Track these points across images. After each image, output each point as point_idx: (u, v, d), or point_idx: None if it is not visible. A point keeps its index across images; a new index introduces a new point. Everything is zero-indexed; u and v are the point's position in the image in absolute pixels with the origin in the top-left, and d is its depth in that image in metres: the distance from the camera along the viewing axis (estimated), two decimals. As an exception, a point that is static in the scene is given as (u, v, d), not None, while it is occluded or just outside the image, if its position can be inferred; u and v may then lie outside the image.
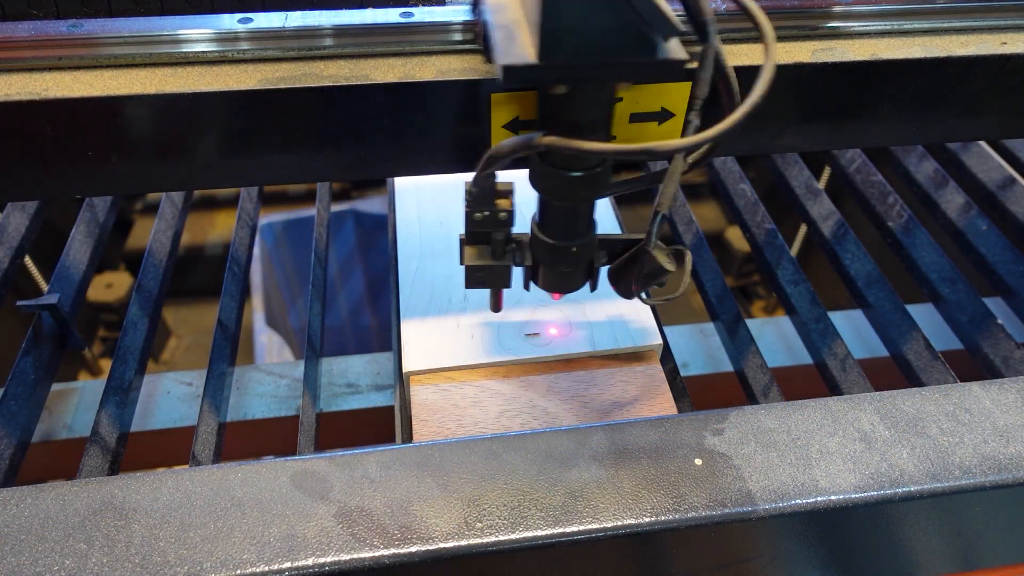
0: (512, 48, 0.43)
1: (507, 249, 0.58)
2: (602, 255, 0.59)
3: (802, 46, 0.58)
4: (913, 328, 0.77)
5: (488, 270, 0.58)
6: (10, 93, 0.51)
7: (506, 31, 0.44)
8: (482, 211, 0.54)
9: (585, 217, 0.55)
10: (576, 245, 0.55)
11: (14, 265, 0.82)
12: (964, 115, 0.63)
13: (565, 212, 0.54)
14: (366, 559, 0.47)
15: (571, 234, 0.55)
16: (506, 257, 0.58)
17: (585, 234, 0.56)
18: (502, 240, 0.56)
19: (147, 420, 0.89)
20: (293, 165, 0.57)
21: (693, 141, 0.45)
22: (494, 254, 0.57)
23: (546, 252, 0.56)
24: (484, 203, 0.54)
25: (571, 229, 0.55)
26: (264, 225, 1.61)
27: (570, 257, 0.56)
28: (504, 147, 0.48)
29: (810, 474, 0.52)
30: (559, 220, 0.55)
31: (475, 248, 0.58)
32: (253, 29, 0.54)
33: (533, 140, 0.46)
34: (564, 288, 0.60)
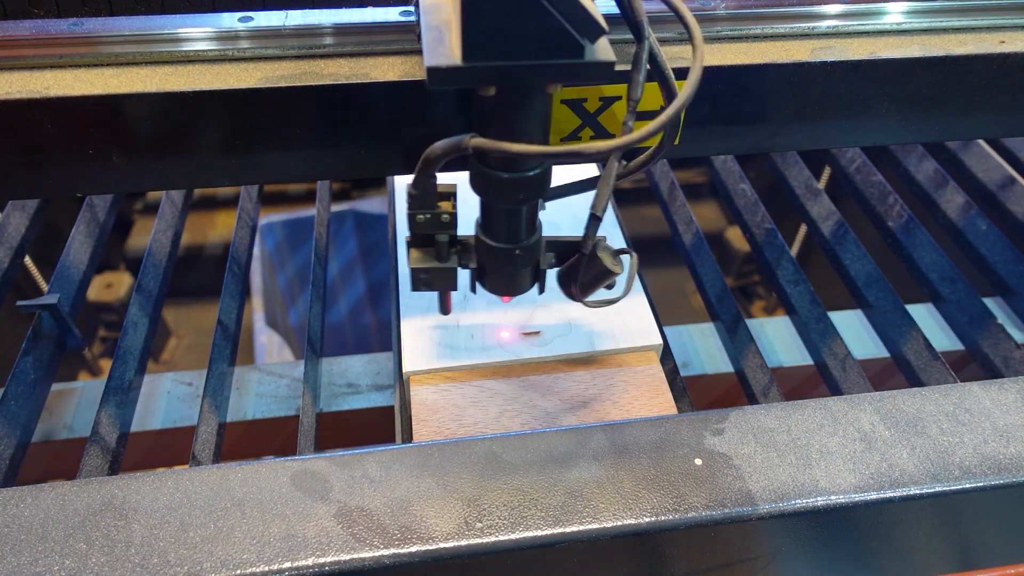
0: (439, 49, 0.43)
1: (452, 251, 0.57)
2: (550, 257, 0.59)
3: (801, 44, 0.58)
4: (913, 328, 0.77)
5: (433, 272, 0.58)
6: (11, 91, 0.51)
7: (436, 32, 0.44)
8: (423, 213, 0.54)
9: (528, 219, 0.54)
10: (519, 247, 0.55)
11: (14, 265, 0.82)
12: (963, 114, 0.63)
13: (507, 214, 0.53)
14: (366, 559, 0.47)
15: (513, 236, 0.55)
16: (451, 259, 0.57)
17: (528, 236, 0.55)
18: (446, 242, 0.56)
19: (147, 420, 0.89)
20: (293, 163, 0.57)
21: (618, 143, 0.45)
22: (439, 256, 0.57)
23: (490, 254, 0.56)
24: (425, 205, 0.53)
25: (513, 231, 0.54)
26: (264, 225, 1.61)
27: (514, 259, 0.56)
28: (436, 149, 0.48)
29: (810, 474, 0.52)
30: (501, 222, 0.54)
31: (419, 250, 0.57)
32: (253, 28, 0.54)
33: (463, 142, 0.46)
34: (511, 290, 0.60)
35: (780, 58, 0.57)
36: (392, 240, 0.84)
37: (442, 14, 0.46)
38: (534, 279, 0.60)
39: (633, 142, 0.45)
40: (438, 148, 0.47)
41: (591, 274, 0.56)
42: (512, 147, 0.45)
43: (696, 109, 0.58)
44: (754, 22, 0.59)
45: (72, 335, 0.77)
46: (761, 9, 0.59)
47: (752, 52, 0.57)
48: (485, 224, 0.55)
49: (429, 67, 0.42)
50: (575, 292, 0.58)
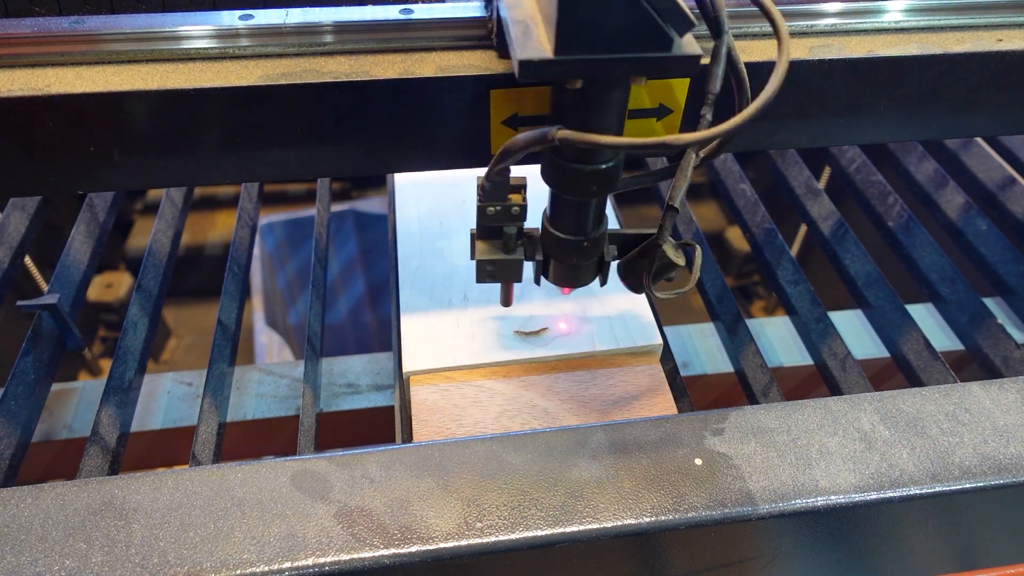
0: (528, 43, 0.43)
1: (518, 243, 0.58)
2: (612, 250, 0.59)
3: (800, 43, 0.59)
4: (913, 328, 0.77)
5: (499, 264, 0.58)
6: (13, 89, 0.51)
7: (522, 26, 0.45)
8: (494, 205, 0.54)
9: (596, 212, 0.55)
10: (587, 239, 0.56)
11: (14, 265, 0.82)
12: (961, 112, 0.63)
13: (576, 206, 0.54)
14: (366, 559, 0.47)
15: (582, 228, 0.55)
16: (517, 251, 0.58)
17: (596, 228, 0.56)
18: (514, 234, 0.57)
19: (147, 420, 0.89)
20: (294, 161, 0.57)
21: (707, 135, 0.46)
22: (505, 248, 0.58)
23: (557, 246, 0.57)
24: (496, 197, 0.54)
25: (582, 223, 0.55)
26: (264, 225, 1.61)
27: (581, 251, 0.57)
28: (519, 141, 0.48)
29: (810, 474, 0.52)
30: (570, 214, 0.55)
31: (486, 242, 0.58)
32: (254, 26, 0.54)
33: (548, 134, 0.46)
34: (575, 282, 0.61)
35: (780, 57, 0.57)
36: (392, 240, 0.84)
37: (526, 9, 0.46)
38: (598, 271, 0.60)
39: (721, 134, 0.45)
40: (520, 140, 0.48)
41: (655, 267, 0.56)
42: (600, 139, 0.45)
43: (695, 108, 0.58)
44: (752, 20, 0.59)
45: (72, 335, 0.77)
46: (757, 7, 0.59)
47: (751, 50, 0.58)
48: (554, 216, 0.56)
49: (521, 60, 0.42)
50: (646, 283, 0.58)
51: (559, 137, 0.46)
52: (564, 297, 0.74)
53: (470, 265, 0.77)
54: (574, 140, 0.46)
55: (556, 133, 0.46)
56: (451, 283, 0.76)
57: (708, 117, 0.49)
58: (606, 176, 0.51)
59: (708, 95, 0.49)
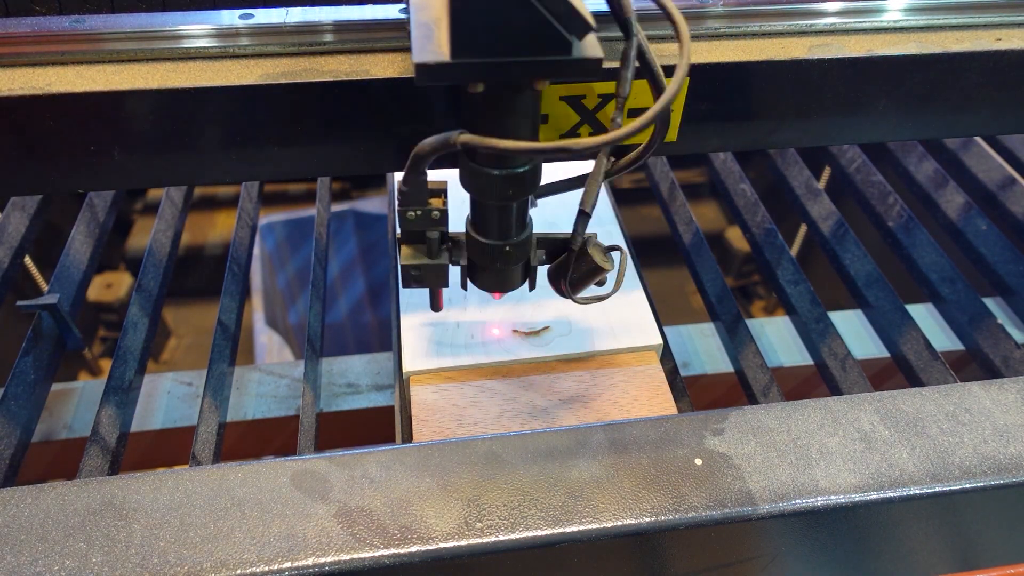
0: (427, 46, 0.43)
1: (443, 248, 0.57)
2: (541, 253, 0.59)
3: (799, 42, 0.59)
4: (913, 328, 0.77)
5: (424, 269, 0.58)
6: (13, 88, 0.51)
7: (425, 29, 0.44)
8: (415, 210, 0.54)
9: (518, 216, 0.54)
10: (510, 244, 0.55)
11: (14, 265, 0.82)
12: (959, 111, 0.63)
13: (497, 211, 0.54)
14: (366, 559, 0.47)
15: (504, 233, 0.55)
16: (442, 256, 0.57)
17: (519, 233, 0.55)
18: (437, 239, 0.56)
19: (147, 420, 0.89)
20: (294, 160, 0.57)
21: (604, 140, 0.45)
22: (429, 253, 0.57)
23: (480, 251, 0.56)
24: (416, 201, 0.53)
25: (504, 228, 0.55)
26: (264, 225, 1.61)
27: (504, 256, 0.56)
28: (426, 145, 0.48)
29: (810, 474, 0.52)
30: (491, 219, 0.54)
31: (410, 247, 0.57)
32: (254, 25, 0.55)
33: (451, 138, 0.46)
34: (502, 287, 0.60)
35: (778, 55, 0.57)
36: (392, 240, 0.84)
37: (431, 11, 0.46)
38: (525, 276, 0.60)
39: (619, 138, 0.45)
40: (427, 145, 0.48)
41: (581, 271, 0.56)
42: (500, 143, 0.45)
43: (694, 106, 0.58)
44: (752, 19, 0.59)
45: (72, 335, 0.77)
46: (759, 6, 0.59)
47: (750, 49, 0.58)
48: (476, 221, 0.56)
49: (417, 63, 0.42)
50: (565, 289, 0.58)
51: (460, 141, 0.46)
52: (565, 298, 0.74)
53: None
54: (475, 144, 0.46)
55: (458, 137, 0.46)
56: (451, 283, 0.76)
57: (619, 121, 0.48)
58: (521, 180, 0.50)
59: (618, 99, 0.48)
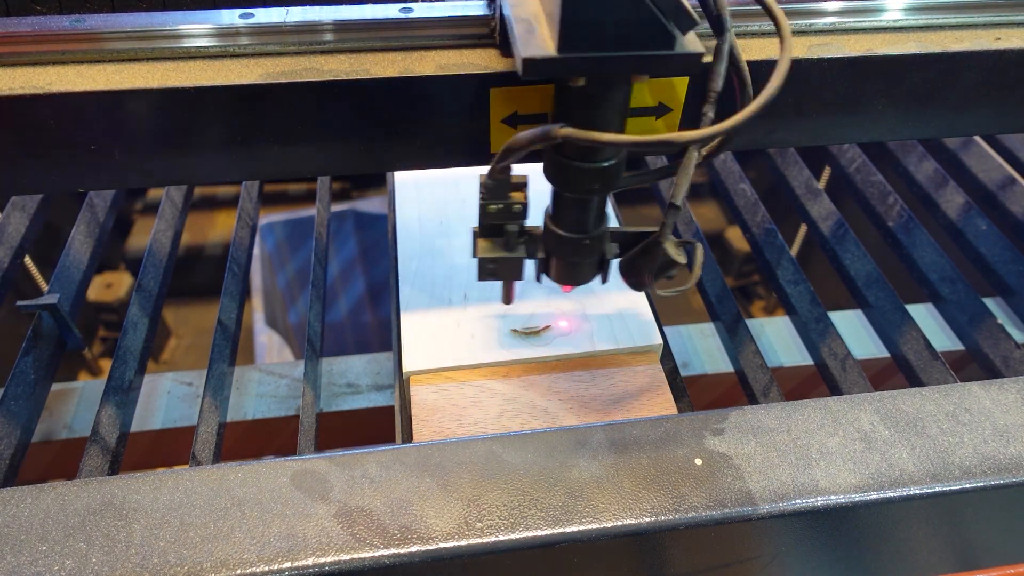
0: (532, 41, 0.44)
1: (519, 241, 0.58)
2: (613, 248, 0.59)
3: (798, 41, 0.59)
4: (913, 328, 0.77)
5: (500, 262, 0.59)
6: (14, 87, 0.51)
7: (526, 24, 0.45)
8: (496, 203, 0.54)
9: (597, 209, 0.55)
10: (588, 237, 0.56)
11: (14, 265, 0.82)
12: (959, 110, 0.63)
13: (578, 204, 0.54)
14: (366, 559, 0.47)
15: (583, 226, 0.55)
16: (518, 249, 0.58)
17: (597, 226, 0.56)
18: (515, 232, 0.57)
19: (147, 420, 0.89)
20: (294, 159, 0.58)
21: (709, 132, 0.46)
22: (507, 246, 0.58)
23: (559, 244, 0.57)
24: (498, 195, 0.54)
25: (583, 221, 0.55)
26: (264, 225, 1.61)
27: (582, 249, 0.57)
28: (522, 139, 0.48)
29: (810, 474, 0.52)
30: (572, 212, 0.55)
31: (488, 240, 0.58)
32: (254, 24, 0.55)
33: (551, 131, 0.47)
34: (576, 280, 0.61)
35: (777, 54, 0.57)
36: (392, 239, 0.84)
37: (529, 7, 0.46)
38: (598, 269, 0.61)
39: (722, 132, 0.46)
40: (523, 138, 0.48)
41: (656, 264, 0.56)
42: (602, 136, 0.45)
43: (694, 105, 0.58)
44: (751, 19, 0.59)
45: (72, 335, 0.77)
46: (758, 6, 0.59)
47: (750, 48, 0.58)
48: (556, 214, 0.56)
49: (525, 58, 0.43)
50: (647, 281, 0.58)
51: (561, 135, 0.46)
52: (564, 296, 0.74)
53: (470, 264, 0.77)
54: (576, 138, 0.46)
55: (558, 131, 0.46)
56: (451, 283, 0.76)
57: (710, 115, 0.49)
58: (608, 174, 0.51)
59: (710, 93, 0.49)
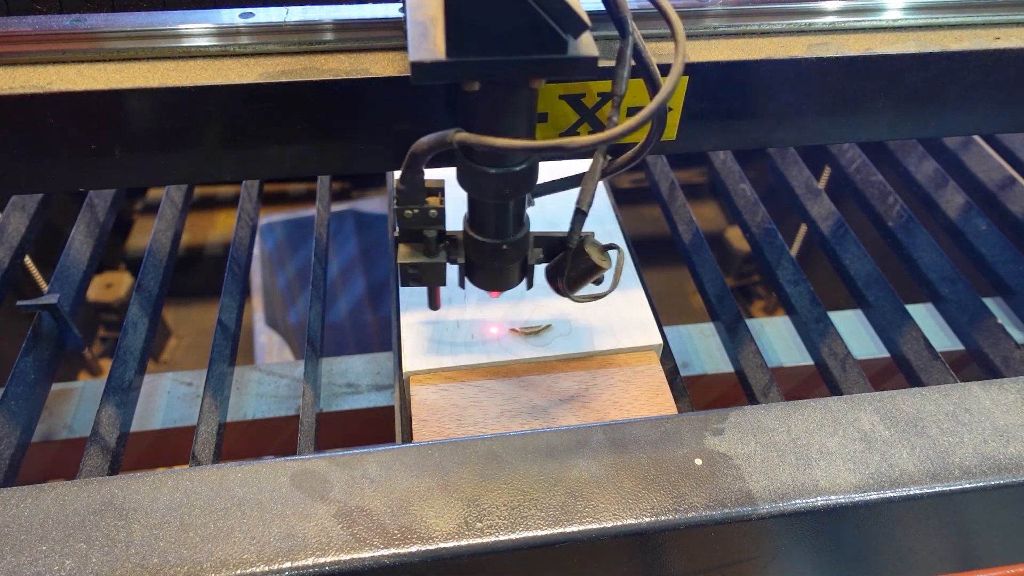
0: (423, 44, 0.43)
1: (440, 246, 0.57)
2: (538, 252, 0.59)
3: (798, 41, 0.59)
4: (913, 328, 0.77)
5: (422, 267, 0.58)
6: (14, 86, 0.51)
7: (421, 28, 0.44)
8: (412, 209, 0.54)
9: (515, 214, 0.55)
10: (507, 243, 0.55)
11: (14, 265, 0.82)
12: (958, 109, 0.63)
13: (495, 209, 0.54)
14: (366, 559, 0.47)
15: (501, 231, 0.55)
16: (439, 255, 0.58)
17: (516, 231, 0.56)
18: (434, 237, 0.56)
19: (147, 420, 0.89)
20: (294, 158, 0.58)
21: (600, 138, 0.45)
22: (427, 252, 0.57)
23: (478, 250, 0.56)
24: (413, 200, 0.53)
25: (501, 226, 0.55)
26: (264, 225, 1.61)
27: (502, 254, 0.56)
28: (422, 144, 0.48)
29: (810, 474, 0.52)
30: (488, 217, 0.54)
31: (408, 246, 0.58)
32: (254, 24, 0.55)
33: (448, 136, 0.46)
34: (499, 286, 0.60)
35: (777, 54, 0.57)
36: (392, 239, 0.84)
37: (427, 10, 0.46)
38: (522, 275, 0.60)
39: (614, 137, 0.45)
40: (423, 143, 0.48)
41: (579, 269, 0.56)
42: (496, 141, 0.45)
43: (694, 105, 0.59)
44: (751, 18, 0.59)
45: (72, 335, 0.77)
46: (758, 5, 0.59)
47: (749, 48, 0.58)
48: (473, 219, 0.56)
49: (413, 62, 0.42)
50: (562, 287, 0.58)
51: (457, 140, 0.46)
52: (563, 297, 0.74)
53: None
54: (471, 143, 0.46)
55: (454, 136, 0.46)
56: (451, 283, 0.76)
57: (615, 119, 0.48)
58: (518, 179, 0.50)
59: (614, 97, 0.48)
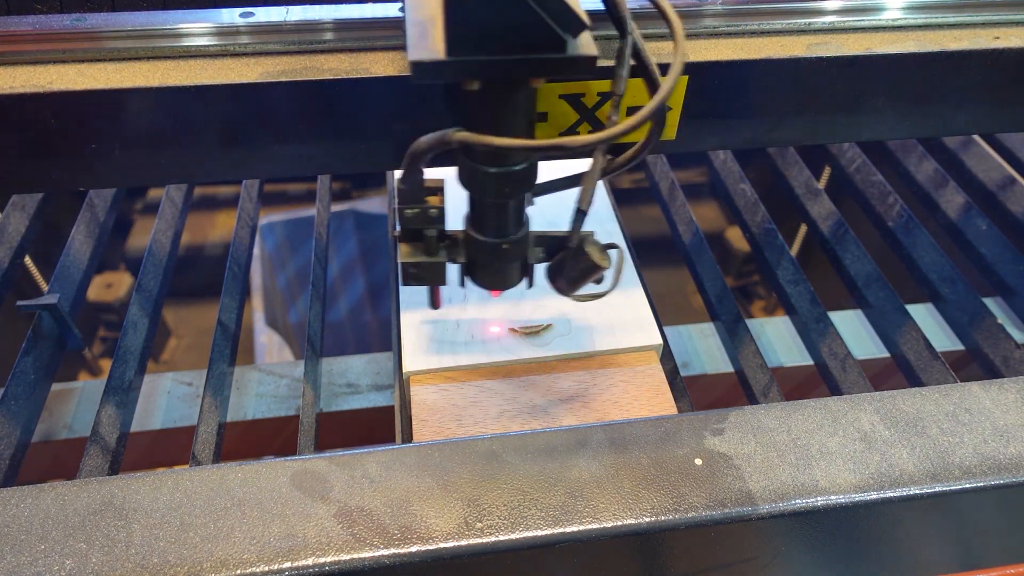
0: (423, 44, 0.43)
1: (441, 246, 0.58)
2: (538, 252, 0.59)
3: (798, 40, 0.59)
4: (913, 328, 0.77)
5: (423, 267, 0.58)
6: (15, 86, 0.51)
7: (420, 27, 0.44)
8: (413, 208, 0.54)
9: (515, 214, 0.55)
10: (507, 242, 0.56)
11: (14, 265, 0.82)
12: (957, 109, 0.63)
13: (495, 209, 0.54)
14: (366, 559, 0.47)
15: (502, 231, 0.55)
16: (440, 254, 0.58)
17: (516, 230, 0.56)
18: (435, 237, 0.56)
19: (147, 420, 0.89)
20: (294, 157, 0.58)
21: (600, 137, 0.45)
22: (428, 251, 0.57)
23: (478, 249, 0.56)
24: (414, 200, 0.54)
25: (501, 226, 0.55)
26: (264, 225, 1.61)
27: (502, 254, 0.56)
28: (422, 143, 0.48)
29: (810, 474, 0.52)
30: (489, 216, 0.55)
31: (409, 245, 0.58)
32: (254, 23, 0.55)
33: (447, 136, 0.46)
34: (500, 285, 0.60)
35: (776, 53, 0.57)
36: (392, 239, 0.84)
37: (426, 9, 0.46)
38: (523, 274, 0.60)
39: (614, 136, 0.45)
40: (424, 143, 0.48)
41: (578, 269, 0.56)
42: (496, 140, 0.45)
43: (693, 104, 0.59)
44: (750, 18, 0.59)
45: (72, 335, 0.77)
46: (758, 4, 0.59)
47: (748, 47, 0.58)
48: (473, 218, 0.56)
49: (413, 61, 0.42)
50: (563, 287, 0.58)
51: (457, 139, 0.46)
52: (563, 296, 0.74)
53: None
54: (471, 142, 0.46)
55: (454, 135, 0.46)
56: (451, 282, 0.76)
57: (614, 119, 0.48)
58: (518, 178, 0.50)
59: (613, 96, 0.49)
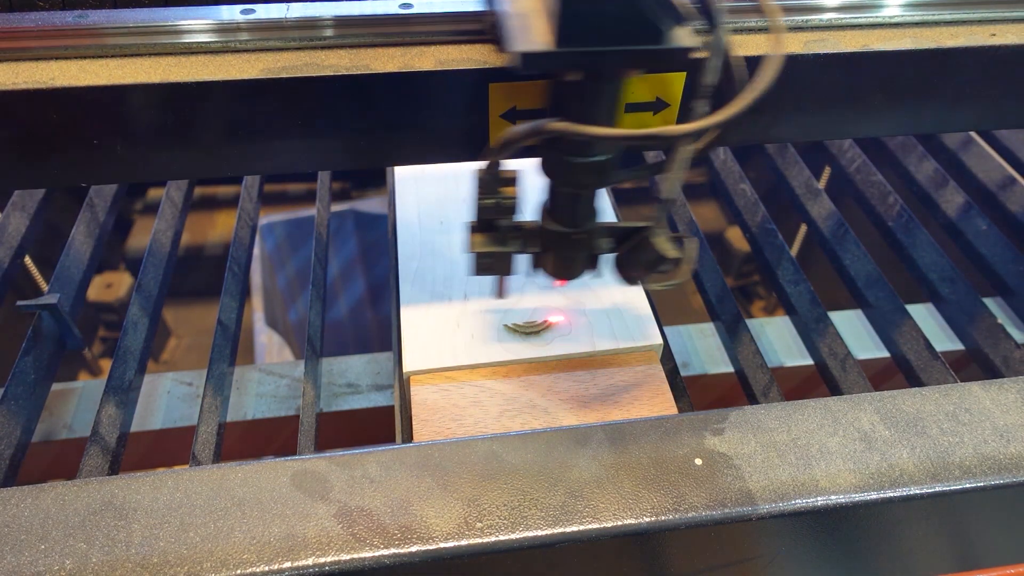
0: (529, 36, 0.44)
1: (512, 236, 0.58)
2: (606, 242, 0.60)
3: (794, 37, 0.59)
4: (913, 328, 0.77)
5: (494, 257, 0.59)
6: (17, 82, 0.51)
7: (521, 19, 0.46)
8: (490, 198, 0.55)
9: (588, 204, 0.56)
10: (579, 231, 0.56)
11: (14, 265, 0.82)
12: (954, 105, 0.63)
13: (571, 199, 0.55)
14: (366, 559, 0.47)
15: (576, 221, 0.56)
16: (511, 244, 0.59)
17: (589, 221, 0.56)
18: (507, 227, 0.57)
19: (147, 420, 0.89)
20: (294, 154, 0.58)
21: (699, 126, 0.46)
22: (500, 241, 0.58)
23: (551, 238, 0.57)
24: (491, 190, 0.54)
25: (576, 216, 0.56)
26: (264, 225, 1.61)
27: (574, 243, 0.57)
28: (517, 132, 0.48)
29: (810, 474, 0.52)
30: (565, 206, 0.55)
31: (481, 235, 0.59)
32: (255, 20, 0.55)
33: (544, 125, 0.47)
34: (568, 274, 0.61)
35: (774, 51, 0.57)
36: (392, 238, 0.84)
37: (524, 2, 0.47)
38: (590, 263, 0.61)
39: (711, 125, 0.46)
40: (517, 132, 0.48)
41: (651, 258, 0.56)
42: (594, 130, 0.46)
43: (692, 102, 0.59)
44: (748, 15, 0.59)
45: (72, 335, 0.77)
46: (756, 2, 0.59)
47: (746, 44, 0.58)
48: (552, 208, 0.57)
49: (523, 53, 0.43)
50: (636, 276, 0.59)
51: (555, 128, 0.47)
52: (563, 295, 0.74)
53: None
54: (569, 132, 0.47)
55: (552, 124, 0.47)
56: (451, 282, 0.76)
57: (703, 109, 0.50)
58: (601, 169, 0.52)
59: (703, 87, 0.50)
